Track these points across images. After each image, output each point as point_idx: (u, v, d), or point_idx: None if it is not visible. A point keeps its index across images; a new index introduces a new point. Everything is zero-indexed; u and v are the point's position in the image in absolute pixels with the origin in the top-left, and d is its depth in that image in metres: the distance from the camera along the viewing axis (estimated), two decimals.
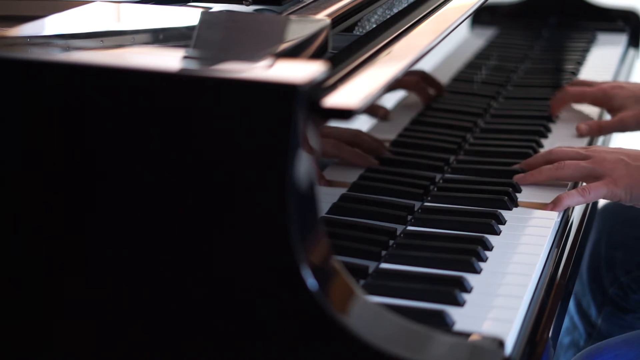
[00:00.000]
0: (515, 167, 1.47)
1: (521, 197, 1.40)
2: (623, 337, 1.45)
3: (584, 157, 1.41)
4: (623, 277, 1.76)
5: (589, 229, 1.54)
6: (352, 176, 1.40)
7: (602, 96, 1.73)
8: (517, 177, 1.43)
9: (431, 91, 1.78)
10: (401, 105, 1.71)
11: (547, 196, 1.39)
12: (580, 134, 1.68)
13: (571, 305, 1.84)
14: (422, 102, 1.72)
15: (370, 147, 1.48)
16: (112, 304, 0.97)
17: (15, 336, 1.00)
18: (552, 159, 1.44)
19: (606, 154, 1.40)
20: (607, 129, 1.71)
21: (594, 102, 1.76)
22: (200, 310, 0.95)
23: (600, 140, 1.72)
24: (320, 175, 1.37)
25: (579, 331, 1.83)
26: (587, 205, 1.47)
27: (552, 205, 1.36)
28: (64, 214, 0.97)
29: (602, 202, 1.78)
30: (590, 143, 1.68)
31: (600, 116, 1.79)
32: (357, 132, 1.48)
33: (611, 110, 1.73)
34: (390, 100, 1.66)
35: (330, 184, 1.39)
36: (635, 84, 1.76)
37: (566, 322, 1.84)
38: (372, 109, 1.57)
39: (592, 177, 1.39)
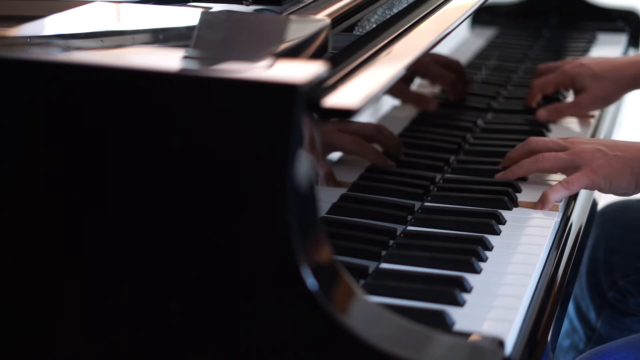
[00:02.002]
0: (499, 166, 1.47)
1: (521, 197, 1.40)
2: (621, 342, 1.45)
3: (563, 148, 1.42)
4: (621, 281, 1.76)
5: (589, 229, 1.54)
6: (352, 176, 1.40)
7: (564, 78, 1.73)
8: (498, 175, 1.44)
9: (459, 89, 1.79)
10: (401, 105, 1.71)
11: None
12: (540, 119, 1.70)
13: (570, 308, 1.84)
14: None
15: (390, 144, 1.48)
16: (112, 302, 0.97)
17: (17, 337, 1.00)
18: (531, 148, 1.44)
19: (584, 145, 1.41)
20: (564, 112, 1.73)
21: (558, 86, 1.76)
22: (200, 310, 0.95)
23: (602, 134, 1.73)
24: (331, 175, 1.37)
25: (579, 334, 1.83)
26: (587, 204, 1.48)
27: (540, 204, 1.37)
28: (64, 213, 0.97)
29: (600, 206, 1.78)
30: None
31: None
32: (380, 128, 1.47)
33: (576, 92, 1.74)
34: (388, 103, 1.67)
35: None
36: (596, 60, 1.75)
37: (566, 325, 1.84)
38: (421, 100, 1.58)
39: (572, 167, 1.39)
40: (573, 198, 1.44)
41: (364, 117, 1.46)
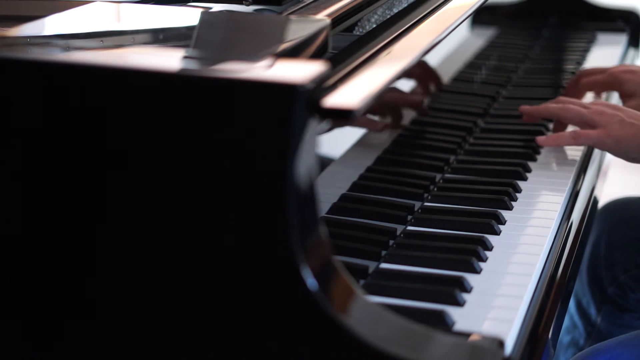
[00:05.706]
0: (521, 108, 1.60)
1: (521, 197, 1.40)
2: (619, 339, 1.46)
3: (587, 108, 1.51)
4: (622, 276, 1.77)
5: (589, 229, 1.54)
6: (352, 176, 1.40)
7: (613, 81, 1.74)
8: (523, 109, 1.58)
9: (431, 86, 1.79)
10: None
11: (548, 196, 1.39)
12: None
13: (571, 304, 1.84)
14: (422, 93, 1.72)
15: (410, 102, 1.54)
16: (112, 304, 0.97)
17: (19, 339, 1.00)
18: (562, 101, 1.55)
19: (606, 108, 1.49)
20: None
21: (605, 88, 1.77)
22: (200, 310, 0.95)
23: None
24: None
25: (579, 330, 1.83)
26: (587, 205, 1.48)
27: (543, 139, 1.48)
28: (65, 213, 0.97)
29: (602, 203, 1.78)
30: None
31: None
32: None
33: (623, 96, 1.74)
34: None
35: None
36: None
37: (566, 321, 1.85)
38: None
39: (589, 125, 1.48)
40: (574, 198, 1.44)
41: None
